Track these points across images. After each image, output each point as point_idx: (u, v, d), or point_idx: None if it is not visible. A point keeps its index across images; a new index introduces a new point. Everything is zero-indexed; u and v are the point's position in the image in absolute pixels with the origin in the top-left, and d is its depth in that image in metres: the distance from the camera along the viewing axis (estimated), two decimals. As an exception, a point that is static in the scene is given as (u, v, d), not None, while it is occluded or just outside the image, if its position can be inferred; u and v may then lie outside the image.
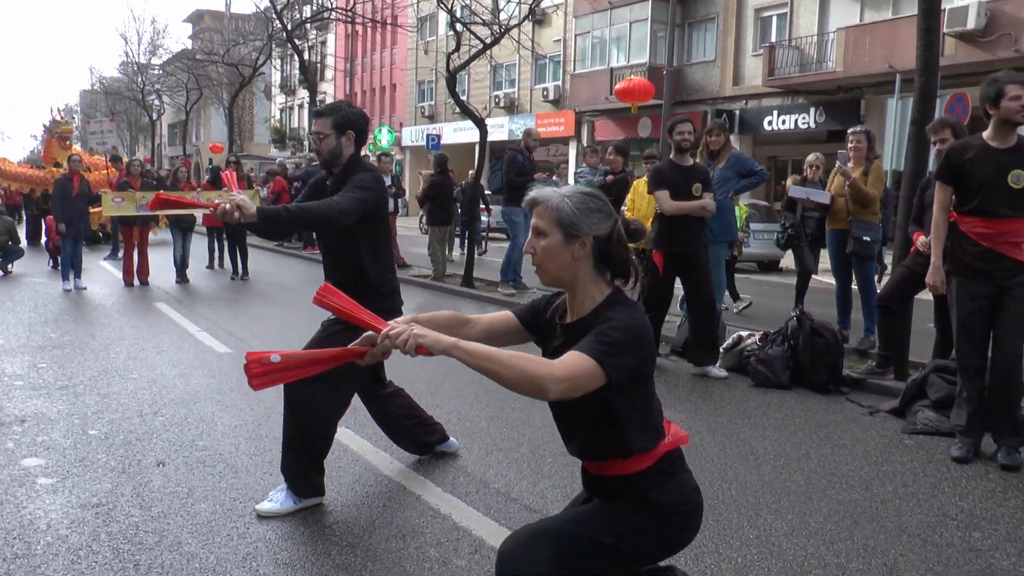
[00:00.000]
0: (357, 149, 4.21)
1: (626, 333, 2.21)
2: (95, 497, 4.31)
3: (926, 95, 6.59)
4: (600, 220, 2.30)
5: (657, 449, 2.35)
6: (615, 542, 2.34)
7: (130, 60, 46.00)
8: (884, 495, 4.50)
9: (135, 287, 12.76)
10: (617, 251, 2.32)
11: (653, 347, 2.31)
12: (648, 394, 2.36)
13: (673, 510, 2.36)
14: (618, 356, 2.17)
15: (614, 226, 2.32)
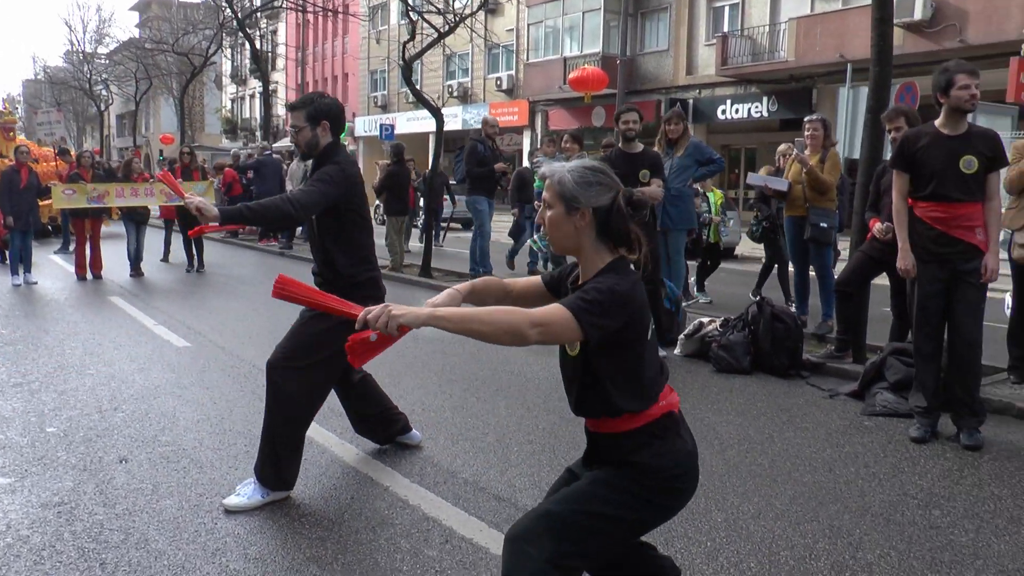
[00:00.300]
0: (335, 137, 4.26)
1: (607, 295, 2.29)
2: (56, 496, 4.23)
3: (881, 84, 6.70)
4: (599, 192, 2.39)
5: (648, 411, 2.41)
6: (615, 511, 2.40)
7: (75, 49, 44.99)
8: (847, 476, 4.58)
9: (88, 281, 12.50)
10: (616, 222, 2.39)
11: (640, 315, 2.35)
12: (635, 359, 2.39)
13: (663, 473, 2.40)
14: (595, 315, 2.26)
15: (614, 198, 2.40)
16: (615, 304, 2.30)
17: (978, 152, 4.93)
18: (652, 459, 2.40)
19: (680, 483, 2.44)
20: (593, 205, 2.40)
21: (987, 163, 4.95)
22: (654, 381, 2.44)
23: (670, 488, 2.43)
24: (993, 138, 5.03)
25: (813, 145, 7.96)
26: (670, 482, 2.42)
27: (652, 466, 2.40)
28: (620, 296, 2.31)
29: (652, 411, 2.42)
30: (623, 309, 2.31)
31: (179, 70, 39.33)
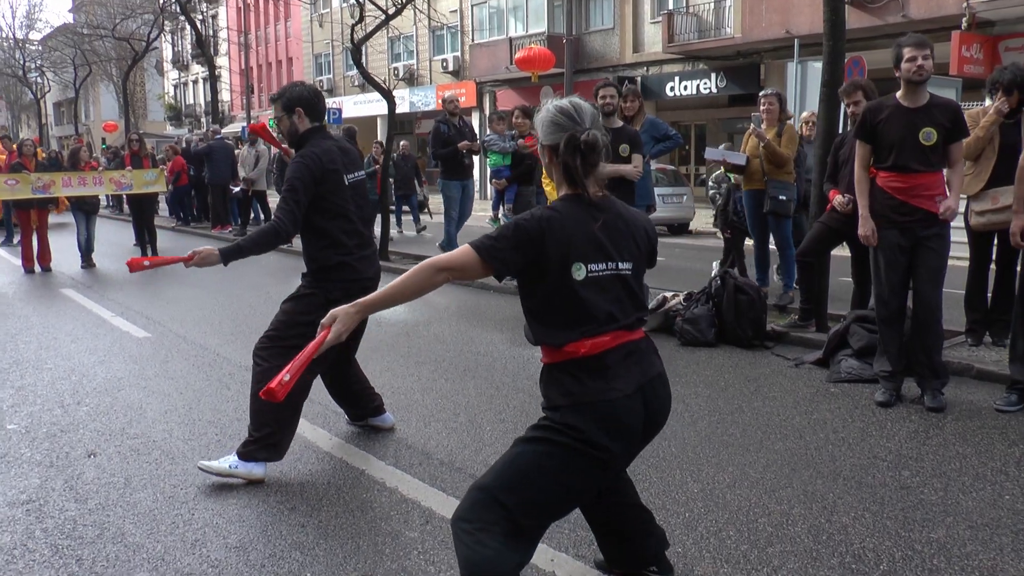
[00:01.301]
0: (316, 122, 4.38)
1: (513, 228, 2.45)
2: (23, 494, 4.13)
3: (834, 58, 6.77)
4: (553, 131, 2.53)
5: (563, 348, 2.46)
6: (545, 437, 2.47)
7: (4, 34, 43.69)
8: (817, 442, 4.67)
9: (36, 273, 12.19)
10: (563, 160, 2.50)
11: (552, 249, 2.42)
12: (553, 294, 2.46)
13: (567, 407, 2.44)
14: (499, 249, 2.42)
15: (565, 139, 2.48)
16: (519, 235, 2.42)
17: (937, 124, 5.03)
18: (555, 395, 2.48)
19: (588, 417, 2.43)
20: (547, 143, 2.56)
21: (946, 134, 5.06)
22: (580, 320, 2.45)
23: (583, 421, 2.42)
24: (954, 109, 5.13)
25: (769, 119, 8.05)
26: (579, 414, 2.43)
27: (554, 402, 2.48)
28: (526, 227, 2.43)
29: (566, 348, 2.46)
30: (530, 241, 2.41)
31: (118, 56, 38.42)
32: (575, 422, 2.42)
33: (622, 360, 2.48)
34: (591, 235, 2.47)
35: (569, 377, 2.45)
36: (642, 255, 2.61)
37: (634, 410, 2.47)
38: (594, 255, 2.46)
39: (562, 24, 26.42)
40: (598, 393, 2.43)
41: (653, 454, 4.49)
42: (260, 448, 4.17)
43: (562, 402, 2.44)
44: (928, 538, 3.49)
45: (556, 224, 2.43)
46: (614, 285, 2.50)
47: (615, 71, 27.01)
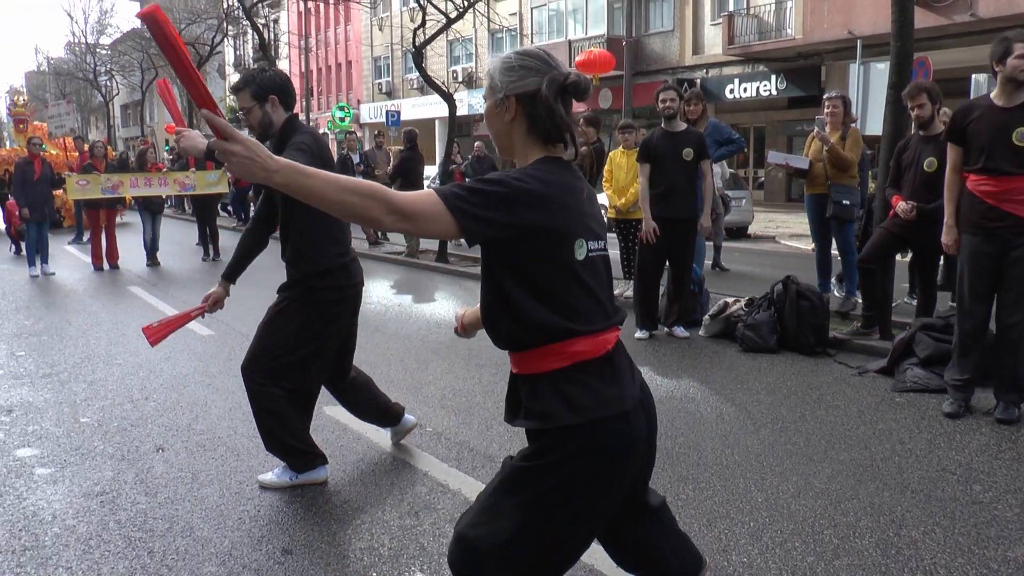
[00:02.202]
0: (289, 111, 4.00)
1: (495, 184, 1.89)
2: (97, 486, 4.24)
3: (902, 59, 6.65)
4: (522, 76, 2.03)
5: (568, 348, 1.99)
6: (529, 497, 2.02)
7: (77, 40, 44.93)
8: (883, 453, 4.58)
9: (105, 271, 12.54)
10: (543, 109, 2.00)
11: (557, 216, 1.95)
12: (553, 275, 1.98)
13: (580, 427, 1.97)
14: (474, 205, 1.85)
15: (542, 83, 2.01)
16: (506, 196, 1.88)
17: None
18: (567, 414, 1.97)
19: (587, 440, 1.98)
20: (515, 92, 2.03)
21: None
22: (587, 310, 2.02)
23: (593, 441, 1.98)
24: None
25: (833, 122, 7.92)
26: (591, 430, 1.97)
27: (565, 422, 1.97)
28: (516, 188, 1.90)
29: (583, 347, 2.00)
30: (518, 204, 1.89)
31: (183, 59, 39.23)
32: (590, 449, 1.98)
33: (624, 359, 2.09)
34: (582, 206, 2.02)
35: (578, 386, 1.98)
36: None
37: (642, 423, 2.08)
38: (588, 230, 2.02)
39: (622, 26, 26.34)
40: (616, 403, 2.00)
41: (716, 462, 4.46)
42: (299, 460, 4.16)
43: (572, 420, 1.96)
44: (1005, 557, 3.40)
45: (554, 187, 1.96)
46: (605, 268, 2.10)
47: (674, 73, 26.85)
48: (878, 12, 20.47)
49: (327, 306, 3.98)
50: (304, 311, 3.97)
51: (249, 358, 4.07)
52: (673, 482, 4.19)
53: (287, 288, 4.06)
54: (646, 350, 7.02)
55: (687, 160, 7.06)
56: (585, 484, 2.00)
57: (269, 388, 4.00)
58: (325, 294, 3.97)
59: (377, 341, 7.24)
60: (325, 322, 4.00)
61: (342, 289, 4.02)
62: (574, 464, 1.98)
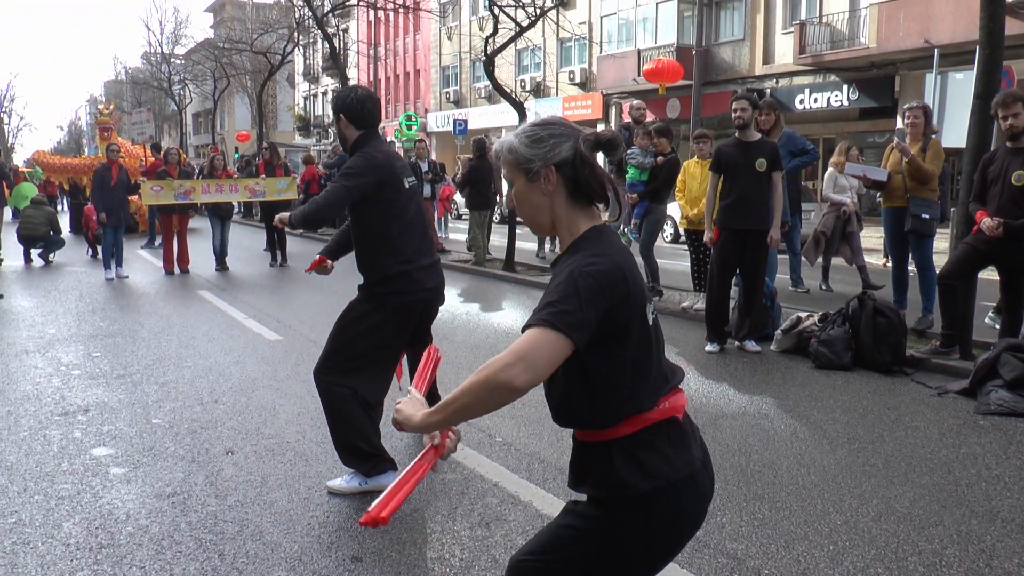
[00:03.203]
0: (361, 129, 4.18)
1: (578, 281, 1.84)
2: (169, 487, 4.29)
3: (991, 67, 6.43)
4: (553, 146, 1.98)
5: (643, 414, 1.95)
6: (578, 552, 1.99)
7: (153, 50, 46.24)
8: (968, 478, 4.39)
9: (176, 275, 12.80)
10: (582, 172, 1.98)
11: (618, 293, 1.89)
12: (633, 347, 1.94)
13: (629, 491, 1.93)
14: (573, 312, 1.81)
15: (575, 146, 1.99)
16: (593, 288, 1.84)
17: None
18: (641, 479, 1.92)
19: (660, 507, 1.93)
20: (554, 161, 1.98)
21: None
22: (659, 374, 1.99)
23: (647, 513, 1.93)
24: None
25: (914, 133, 7.69)
26: (643, 505, 1.93)
27: (640, 487, 1.92)
28: (596, 276, 1.86)
29: (655, 413, 1.96)
30: (604, 291, 1.86)
31: (254, 68, 40.10)
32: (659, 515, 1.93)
33: (687, 420, 2.05)
34: (638, 271, 1.98)
35: (651, 452, 1.93)
36: None
37: (705, 480, 2.02)
38: (646, 295, 1.98)
39: (691, 35, 26.11)
40: (686, 467, 1.95)
41: (792, 481, 4.33)
42: (366, 464, 4.17)
43: (647, 485, 1.91)
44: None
45: (618, 258, 1.93)
46: (660, 331, 2.07)
47: (744, 83, 26.48)
48: (957, 20, 19.94)
49: (391, 310, 4.16)
50: (370, 314, 4.16)
51: (321, 360, 4.23)
52: (748, 501, 4.07)
53: (358, 293, 4.27)
54: (717, 364, 6.88)
55: (760, 171, 6.92)
56: (647, 547, 1.96)
57: (338, 388, 4.13)
58: (389, 299, 4.14)
59: (445, 349, 7.19)
60: (389, 324, 4.16)
61: (404, 295, 4.15)
62: (640, 527, 1.94)
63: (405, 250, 4.16)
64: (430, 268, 4.29)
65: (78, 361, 7.05)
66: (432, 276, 4.30)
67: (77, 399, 5.90)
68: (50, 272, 13.47)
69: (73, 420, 5.41)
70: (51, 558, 3.51)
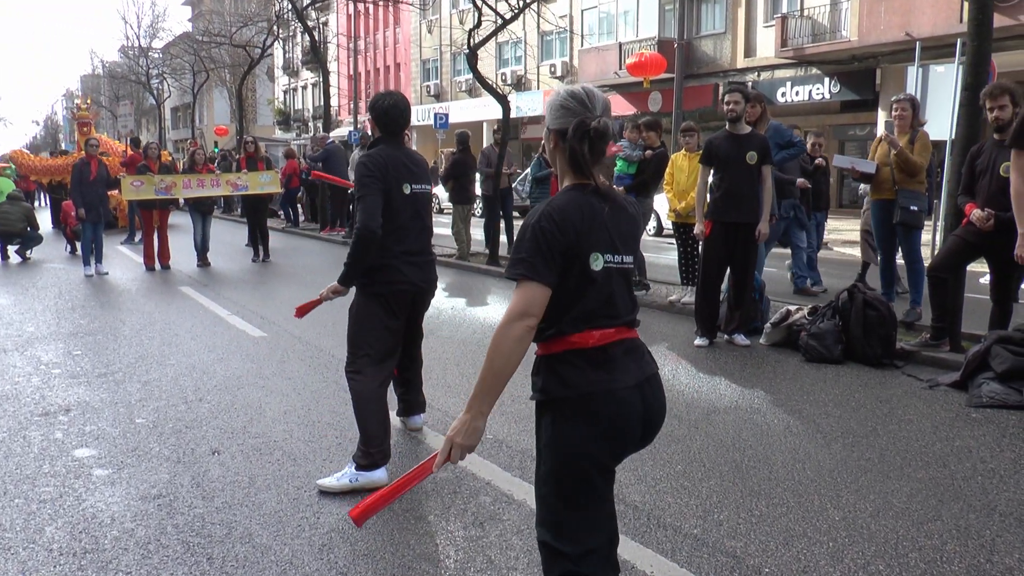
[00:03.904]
0: (381, 132, 4.43)
1: (533, 232, 2.26)
2: (154, 488, 4.19)
3: (979, 59, 6.42)
4: (562, 115, 2.36)
5: (569, 338, 2.31)
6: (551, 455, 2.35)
7: (131, 43, 45.70)
8: (964, 472, 4.36)
9: (157, 271, 12.63)
10: (569, 146, 2.34)
11: (575, 239, 2.27)
12: (571, 284, 2.29)
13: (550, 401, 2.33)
14: (537, 258, 2.24)
15: (574, 124, 2.32)
16: (538, 233, 2.26)
17: None
18: (558, 387, 2.31)
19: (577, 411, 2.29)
20: (554, 128, 2.38)
21: None
22: (594, 312, 2.32)
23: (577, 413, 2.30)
24: None
25: (901, 125, 7.66)
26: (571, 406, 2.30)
27: (554, 395, 2.31)
28: (544, 230, 2.26)
29: (579, 339, 2.31)
30: (556, 238, 2.25)
31: (233, 62, 39.74)
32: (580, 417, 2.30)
33: (623, 355, 2.37)
34: (602, 225, 2.33)
35: (570, 367, 2.31)
36: (636, 248, 2.50)
37: (634, 405, 2.35)
38: (607, 246, 2.34)
39: (672, 28, 26.07)
40: (601, 383, 2.30)
41: (788, 476, 4.28)
42: (378, 454, 4.18)
43: (561, 393, 2.30)
44: (1106, 585, 3.19)
45: (571, 214, 2.29)
46: (621, 278, 2.39)
47: (725, 76, 26.50)
48: (937, 13, 20.00)
49: (380, 297, 4.32)
50: (363, 305, 4.35)
51: (347, 356, 4.41)
52: (745, 497, 4.03)
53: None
54: (707, 358, 6.84)
55: (751, 164, 6.87)
56: (575, 442, 2.31)
57: (355, 379, 4.29)
58: (375, 287, 4.30)
59: (432, 345, 7.09)
60: (382, 308, 4.32)
61: (389, 284, 4.30)
62: (565, 427, 2.31)
63: (393, 248, 4.29)
64: (419, 265, 4.43)
65: (58, 360, 6.92)
66: (420, 271, 4.42)
67: (58, 399, 5.78)
68: (28, 269, 13.27)
69: (54, 420, 5.29)
70: (33, 564, 3.41)
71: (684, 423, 5.15)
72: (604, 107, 2.36)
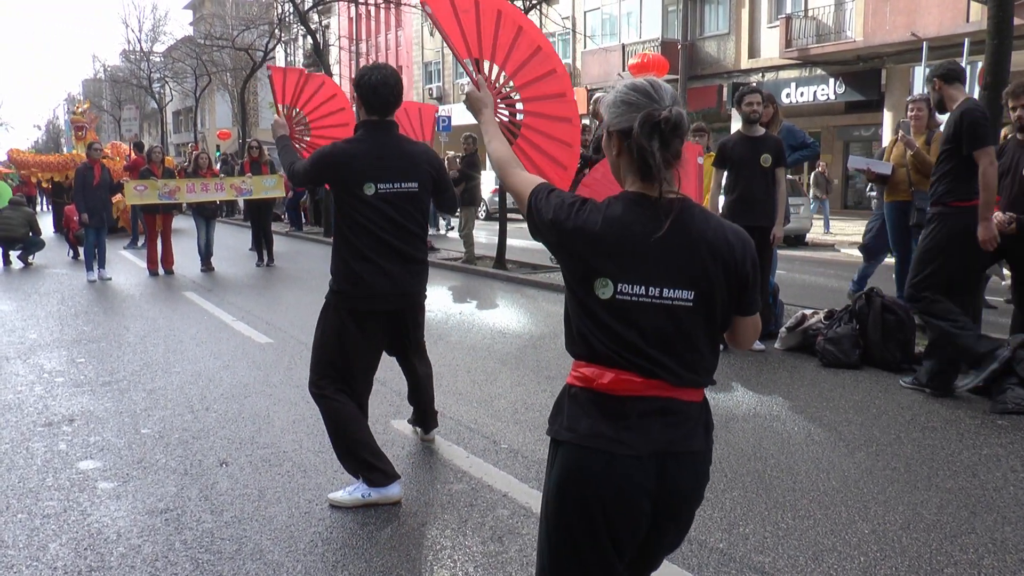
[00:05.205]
0: (368, 113, 3.97)
1: (565, 196, 2.07)
2: (161, 502, 4.07)
3: (999, 58, 6.29)
4: (624, 112, 1.99)
5: (582, 369, 2.02)
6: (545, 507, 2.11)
7: (132, 47, 45.66)
8: (995, 482, 4.24)
9: (160, 276, 12.52)
10: (636, 145, 1.94)
11: (576, 250, 1.99)
12: (574, 302, 2.03)
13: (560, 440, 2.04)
14: (542, 198, 2.09)
15: (641, 117, 1.94)
16: (561, 208, 2.03)
17: None
18: (560, 428, 2.04)
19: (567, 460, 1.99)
20: (617, 128, 2.01)
21: None
22: (600, 344, 1.98)
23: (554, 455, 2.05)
24: None
25: (917, 126, 7.53)
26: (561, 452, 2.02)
27: (557, 436, 2.06)
28: (569, 207, 2.02)
29: (590, 373, 2.00)
30: (561, 225, 2.01)
31: (235, 66, 39.65)
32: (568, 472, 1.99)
33: (650, 415, 1.96)
34: (637, 247, 1.94)
35: (578, 409, 1.99)
36: (718, 287, 1.99)
37: (641, 478, 1.95)
38: (633, 273, 1.93)
39: (676, 29, 25.96)
40: (601, 440, 1.95)
41: (813, 487, 4.16)
42: (379, 472, 3.98)
43: (560, 435, 2.01)
44: None
45: (591, 223, 1.97)
46: (657, 317, 1.94)
47: (729, 77, 26.38)
48: (943, 13, 19.86)
49: (342, 311, 4.02)
50: (327, 318, 4.08)
51: (310, 375, 4.15)
52: (770, 509, 3.90)
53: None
54: (722, 363, 6.65)
55: (765, 166, 6.76)
56: (562, 493, 2.00)
57: (324, 392, 4.05)
58: (340, 303, 4.02)
59: (441, 351, 7.01)
60: (342, 328, 4.02)
61: (353, 299, 3.99)
62: (557, 473, 2.02)
63: (365, 254, 3.93)
64: (388, 273, 3.96)
65: (61, 368, 6.80)
66: (388, 280, 3.96)
67: (61, 408, 5.66)
68: (30, 274, 13.16)
69: (57, 431, 5.18)
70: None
71: (703, 431, 5.02)
72: (673, 98, 1.99)
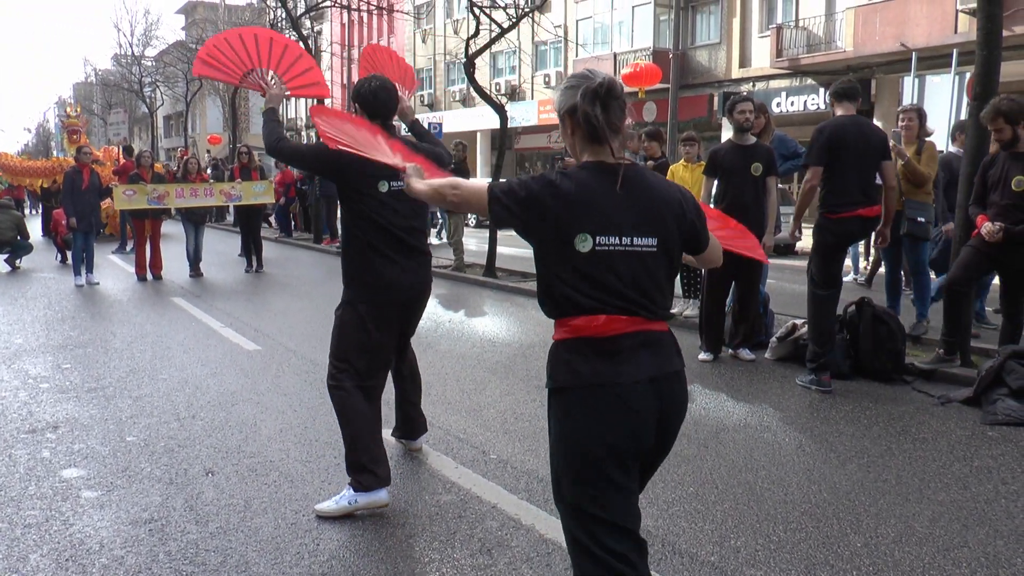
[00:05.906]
0: (374, 120, 4.09)
1: (527, 184, 2.30)
2: (145, 512, 4.02)
3: (988, 68, 6.27)
4: (569, 95, 2.32)
5: (572, 323, 2.30)
6: (555, 442, 2.35)
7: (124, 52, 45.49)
8: (986, 494, 4.22)
9: (148, 281, 12.43)
10: (582, 113, 2.28)
11: (552, 216, 2.26)
12: (557, 264, 2.29)
13: (558, 389, 2.33)
14: (504, 193, 2.30)
15: (582, 90, 2.28)
16: (526, 195, 2.28)
17: None
18: (564, 376, 2.31)
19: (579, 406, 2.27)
20: (563, 109, 2.34)
21: None
22: (588, 295, 2.27)
23: (571, 409, 2.29)
24: None
25: (908, 136, 7.55)
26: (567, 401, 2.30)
27: (561, 385, 2.32)
28: (530, 188, 2.28)
29: (567, 325, 2.31)
30: (530, 202, 2.27)
31: (226, 71, 39.51)
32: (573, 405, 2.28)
33: (637, 348, 2.29)
34: (605, 205, 2.26)
35: (578, 356, 2.27)
36: (673, 234, 2.35)
37: (645, 401, 2.27)
38: (607, 227, 2.25)
39: (667, 39, 26.01)
40: (606, 376, 2.25)
41: (804, 499, 4.13)
42: (369, 474, 3.95)
43: (566, 382, 2.28)
44: None
45: (564, 190, 2.25)
46: (630, 263, 2.27)
47: (720, 87, 26.48)
48: (932, 24, 19.97)
49: (361, 308, 4.09)
50: (346, 313, 4.16)
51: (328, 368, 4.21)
52: (761, 522, 3.87)
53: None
54: (712, 373, 6.69)
55: (755, 175, 6.75)
56: (577, 435, 2.27)
57: (341, 384, 4.08)
58: (360, 300, 4.11)
59: (430, 359, 6.96)
60: (362, 323, 4.10)
61: (374, 294, 4.09)
62: (569, 416, 2.29)
63: (380, 248, 4.06)
64: (403, 267, 4.11)
65: (46, 373, 6.73)
66: (404, 274, 4.11)
67: (45, 415, 5.59)
68: (17, 278, 13.05)
69: (41, 438, 5.11)
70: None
71: (693, 442, 4.98)
72: (607, 76, 2.31)
